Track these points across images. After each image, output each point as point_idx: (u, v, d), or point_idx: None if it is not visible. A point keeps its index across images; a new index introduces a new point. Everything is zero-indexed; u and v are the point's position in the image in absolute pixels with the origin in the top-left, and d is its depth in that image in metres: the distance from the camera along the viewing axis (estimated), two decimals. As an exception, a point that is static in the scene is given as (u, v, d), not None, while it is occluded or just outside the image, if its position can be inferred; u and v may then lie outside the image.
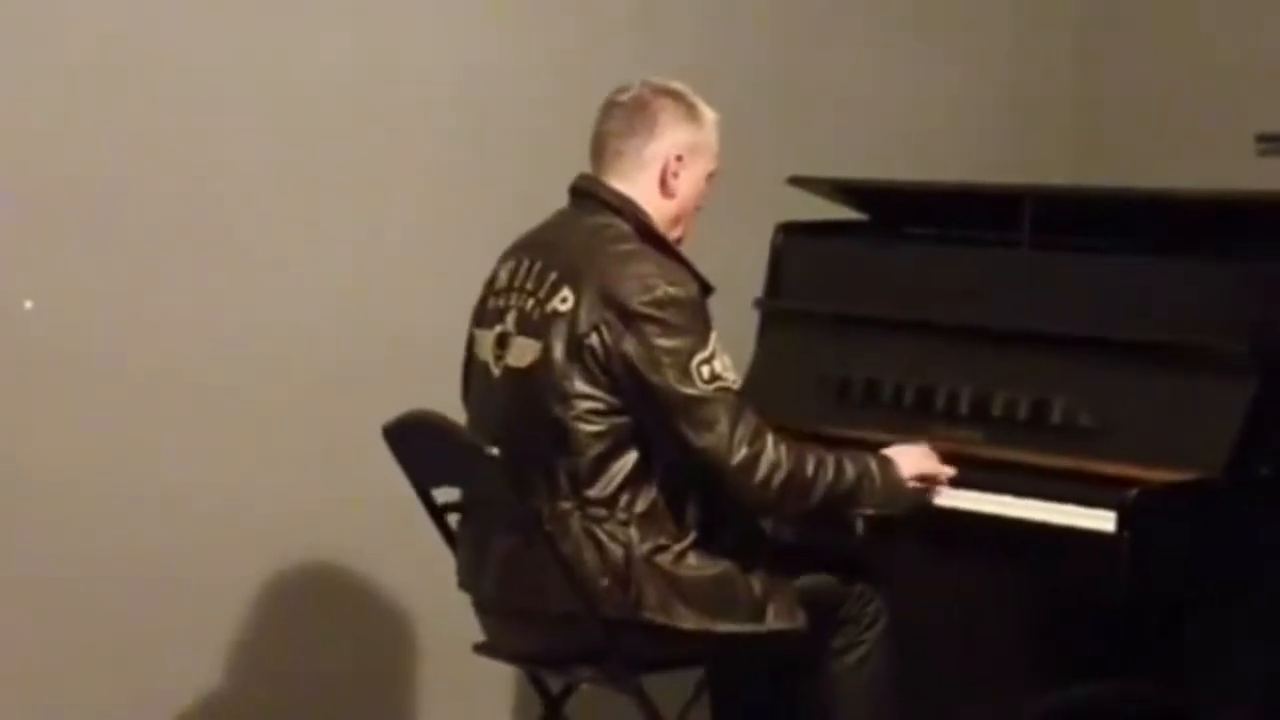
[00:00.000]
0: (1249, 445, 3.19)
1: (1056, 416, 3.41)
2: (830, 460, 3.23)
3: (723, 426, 3.14)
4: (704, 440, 3.15)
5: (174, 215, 3.91)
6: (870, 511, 3.28)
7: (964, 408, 3.53)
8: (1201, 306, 3.33)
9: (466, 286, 3.46)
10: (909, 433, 3.47)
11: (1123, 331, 3.40)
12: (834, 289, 3.89)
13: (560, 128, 3.62)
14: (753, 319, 3.94)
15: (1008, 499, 3.30)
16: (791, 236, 3.97)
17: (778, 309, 3.96)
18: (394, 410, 3.37)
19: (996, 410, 3.49)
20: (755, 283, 3.96)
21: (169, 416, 3.92)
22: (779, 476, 3.16)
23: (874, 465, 3.27)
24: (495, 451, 3.16)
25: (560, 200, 3.39)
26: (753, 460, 3.15)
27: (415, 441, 3.36)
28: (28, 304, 3.81)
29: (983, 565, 3.52)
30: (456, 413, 3.33)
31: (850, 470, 3.24)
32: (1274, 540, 3.21)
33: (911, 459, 3.34)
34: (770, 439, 3.18)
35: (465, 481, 3.37)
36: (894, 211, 4.02)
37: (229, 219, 3.96)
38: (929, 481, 3.35)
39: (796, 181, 3.96)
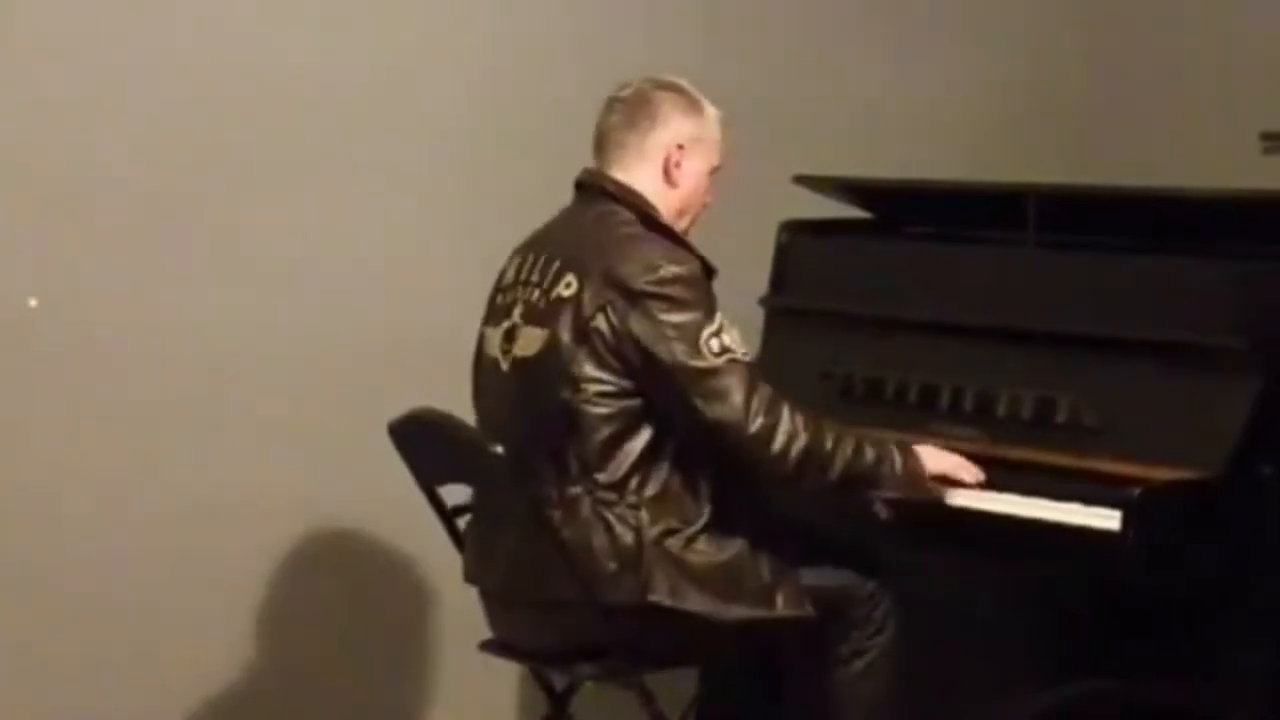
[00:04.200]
0: (1252, 444, 3.19)
1: (1060, 415, 3.41)
2: (850, 437, 3.21)
3: (736, 397, 3.12)
4: (717, 411, 3.12)
5: (179, 213, 3.91)
6: (891, 495, 3.26)
7: (968, 406, 3.53)
8: (1206, 305, 3.33)
9: (471, 285, 3.46)
10: (912, 431, 3.46)
11: (1127, 330, 3.40)
12: (838, 287, 3.89)
13: (562, 127, 3.62)
14: (757, 317, 3.94)
15: (1011, 497, 3.29)
16: (796, 235, 3.98)
17: (782, 307, 3.96)
18: (399, 409, 3.37)
19: (1000, 409, 3.49)
20: (759, 281, 3.96)
21: (173, 414, 3.93)
22: (796, 447, 3.14)
23: (895, 450, 3.26)
24: (500, 449, 3.16)
25: (565, 200, 3.39)
26: (769, 430, 3.13)
27: (420, 440, 3.36)
28: (32, 302, 3.81)
29: (986, 563, 3.52)
30: (462, 412, 3.33)
31: (869, 451, 3.22)
32: (1276, 539, 3.21)
33: (937, 456, 3.32)
34: (787, 409, 3.15)
35: (471, 479, 3.37)
36: (898, 210, 4.02)
37: (234, 218, 3.96)
38: (951, 481, 3.32)
39: (801, 180, 3.96)
